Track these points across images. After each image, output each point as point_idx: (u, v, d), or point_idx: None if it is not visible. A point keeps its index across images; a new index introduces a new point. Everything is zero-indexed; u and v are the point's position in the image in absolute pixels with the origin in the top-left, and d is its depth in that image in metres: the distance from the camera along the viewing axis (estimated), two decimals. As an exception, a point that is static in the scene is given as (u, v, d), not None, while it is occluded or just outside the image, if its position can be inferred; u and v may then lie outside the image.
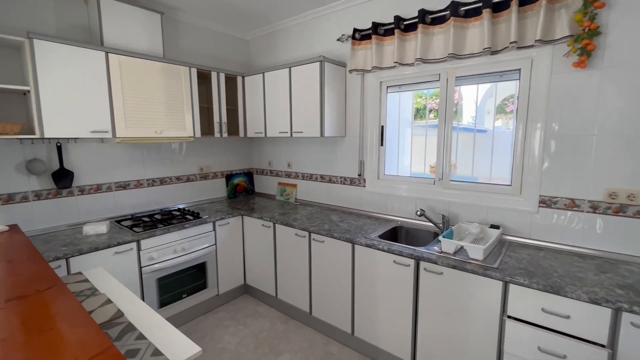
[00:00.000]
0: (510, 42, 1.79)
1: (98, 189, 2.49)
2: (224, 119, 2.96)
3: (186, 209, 2.90)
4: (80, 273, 1.56)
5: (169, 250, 2.38)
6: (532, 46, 1.79)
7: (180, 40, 2.94)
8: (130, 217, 2.61)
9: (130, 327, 1.12)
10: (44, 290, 1.02)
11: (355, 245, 2.11)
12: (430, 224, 2.28)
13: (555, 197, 1.85)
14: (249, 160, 3.67)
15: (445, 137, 2.24)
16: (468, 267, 1.64)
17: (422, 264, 1.81)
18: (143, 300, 2.24)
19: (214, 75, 2.84)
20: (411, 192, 2.42)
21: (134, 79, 2.30)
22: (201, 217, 2.62)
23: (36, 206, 2.20)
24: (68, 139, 2.29)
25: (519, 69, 1.93)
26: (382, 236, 2.18)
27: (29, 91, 1.93)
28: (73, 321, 0.86)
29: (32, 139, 2.02)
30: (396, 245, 1.95)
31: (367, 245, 2.03)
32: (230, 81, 3.09)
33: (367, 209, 2.71)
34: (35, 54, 1.88)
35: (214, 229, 2.68)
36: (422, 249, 1.88)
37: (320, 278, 2.36)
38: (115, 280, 1.49)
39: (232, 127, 3.17)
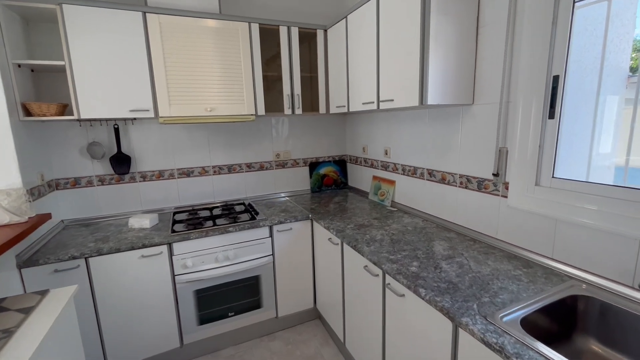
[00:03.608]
0: None
1: (160, 175, 2.26)
2: (297, 91, 2.23)
3: (252, 204, 2.38)
4: (46, 291, 1.19)
5: (210, 258, 1.90)
6: None
7: (250, -8, 2.35)
8: (190, 209, 2.30)
9: None
10: None
11: (461, 331, 1.02)
12: (685, 317, 0.90)
13: None
14: (341, 145, 2.86)
15: None
16: None
17: None
18: (178, 315, 1.86)
19: (283, 31, 2.13)
20: (628, 223, 1.05)
21: (177, 44, 1.86)
22: (255, 219, 2.04)
23: (100, 191, 2.12)
24: (125, 119, 2.10)
25: None
26: (529, 320, 0.99)
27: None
28: None
29: (69, 120, 1.81)
30: (568, 372, 0.76)
31: (486, 344, 0.90)
32: (308, 39, 2.32)
33: (507, 239, 1.46)
34: (66, 22, 1.64)
35: (271, 235, 2.05)
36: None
37: (398, 348, 1.37)
38: (52, 320, 1.03)
39: (313, 100, 2.43)
